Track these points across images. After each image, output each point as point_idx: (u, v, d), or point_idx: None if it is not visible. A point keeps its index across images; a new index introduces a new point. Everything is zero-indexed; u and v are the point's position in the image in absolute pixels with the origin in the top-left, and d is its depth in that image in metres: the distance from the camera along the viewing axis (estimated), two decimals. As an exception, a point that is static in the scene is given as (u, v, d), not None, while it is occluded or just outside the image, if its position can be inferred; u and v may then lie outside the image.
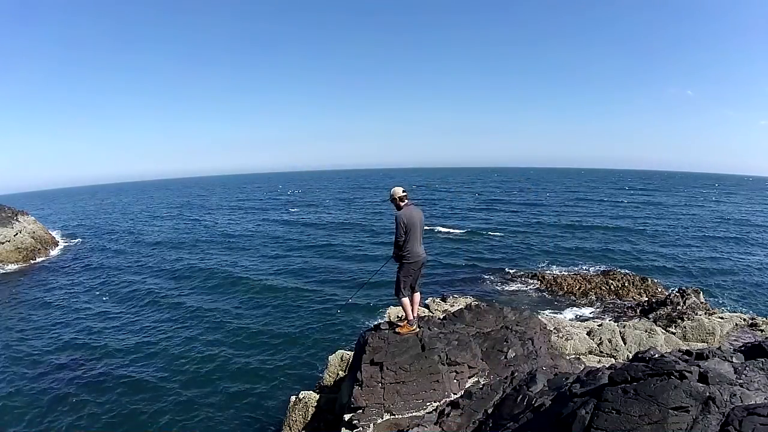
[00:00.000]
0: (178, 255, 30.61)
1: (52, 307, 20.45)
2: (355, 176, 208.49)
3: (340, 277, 23.57)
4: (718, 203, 63.02)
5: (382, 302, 18.12)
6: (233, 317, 17.93)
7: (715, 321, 12.80)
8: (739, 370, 3.82)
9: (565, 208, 53.77)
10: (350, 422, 6.00)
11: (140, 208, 72.96)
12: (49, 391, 12.72)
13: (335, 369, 9.98)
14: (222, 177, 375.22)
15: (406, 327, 6.74)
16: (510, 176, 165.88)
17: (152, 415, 11.38)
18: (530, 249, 29.20)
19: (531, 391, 4.98)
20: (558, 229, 37.11)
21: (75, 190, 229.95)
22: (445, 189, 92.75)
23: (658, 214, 48.09)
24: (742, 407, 3.12)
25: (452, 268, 24.58)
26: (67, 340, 16.46)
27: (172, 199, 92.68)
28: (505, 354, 7.32)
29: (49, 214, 66.63)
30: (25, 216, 35.57)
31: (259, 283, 22.48)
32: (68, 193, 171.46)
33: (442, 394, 6.22)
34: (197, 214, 58.04)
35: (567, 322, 13.97)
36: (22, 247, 31.40)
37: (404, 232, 6.22)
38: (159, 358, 14.47)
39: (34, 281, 25.70)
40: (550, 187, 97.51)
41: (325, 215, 50.65)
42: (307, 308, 18.66)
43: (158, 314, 18.60)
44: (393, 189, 6.41)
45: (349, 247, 31.13)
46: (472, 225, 39.89)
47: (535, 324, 8.60)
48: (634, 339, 11.14)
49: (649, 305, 16.50)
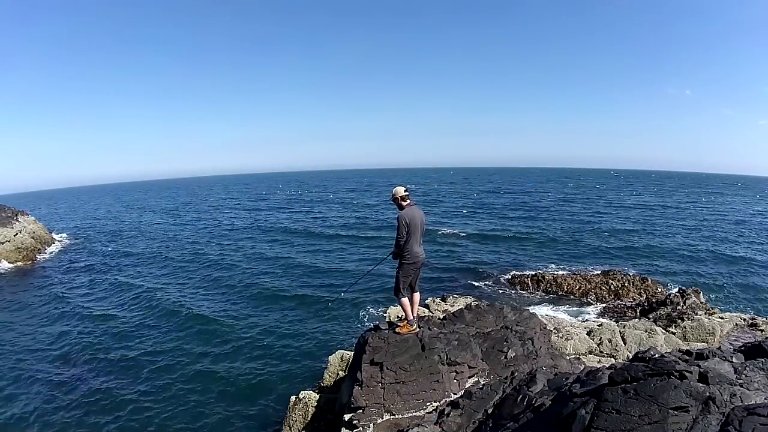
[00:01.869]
0: (177, 255, 30.59)
1: (52, 307, 20.43)
2: (354, 176, 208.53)
3: (340, 277, 23.56)
4: (717, 203, 63.00)
5: (382, 302, 18.13)
6: (233, 317, 17.91)
7: (715, 321, 12.80)
8: (739, 370, 3.82)
9: (565, 208, 53.75)
10: (350, 422, 6.00)
11: (140, 208, 72.95)
12: (48, 391, 12.70)
13: (335, 369, 9.98)
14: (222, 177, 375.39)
15: (406, 327, 6.74)
16: (510, 176, 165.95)
17: (152, 415, 11.37)
18: (530, 249, 29.19)
19: (531, 391, 4.99)
20: (558, 229, 37.09)
21: (75, 190, 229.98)
22: (444, 189, 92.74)
23: (657, 213, 48.08)
24: (742, 407, 3.12)
25: (452, 268, 24.57)
26: (67, 340, 16.44)
27: (173, 199, 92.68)
28: (505, 354, 7.32)
29: (49, 214, 66.64)
30: (25, 216, 35.57)
31: (259, 283, 22.47)
32: (68, 193, 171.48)
33: (442, 394, 6.22)
34: (197, 214, 58.05)
35: (567, 322, 13.98)
36: (22, 247, 31.39)
37: (406, 232, 6.22)
38: (159, 359, 14.45)
39: (34, 281, 25.70)
40: (550, 187, 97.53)
41: (325, 215, 50.64)
42: (306, 308, 18.64)
43: (157, 314, 18.58)
44: (395, 188, 6.41)
45: (349, 248, 31.13)
46: (472, 225, 39.88)
47: (535, 324, 8.60)
48: (634, 339, 11.14)
49: (649, 305, 16.50)
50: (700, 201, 65.98)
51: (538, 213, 48.48)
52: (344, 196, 79.65)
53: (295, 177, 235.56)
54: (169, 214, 59.84)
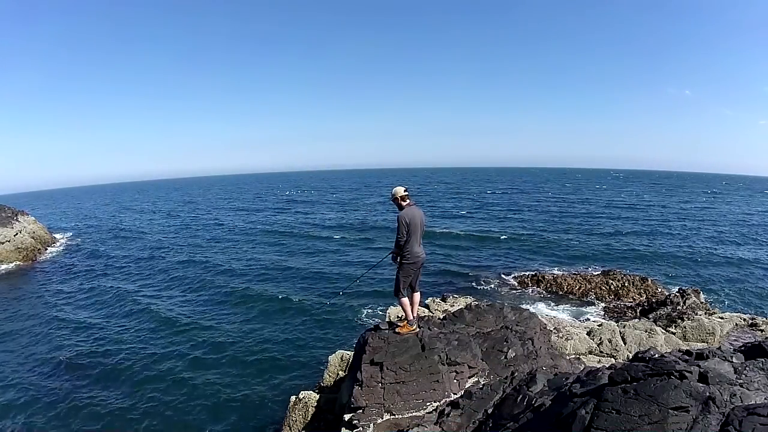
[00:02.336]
0: (177, 256, 30.61)
1: (52, 307, 20.43)
2: (354, 176, 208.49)
3: (339, 277, 23.56)
4: (716, 203, 63.02)
5: (381, 302, 18.13)
6: (232, 317, 17.93)
7: (715, 321, 12.80)
8: (739, 370, 3.82)
9: (565, 208, 53.76)
10: (350, 422, 6.00)
11: (140, 208, 72.97)
12: (47, 391, 12.71)
13: (335, 369, 9.97)
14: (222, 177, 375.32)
15: (406, 327, 6.73)
16: (509, 176, 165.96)
17: (152, 415, 11.37)
18: (530, 249, 29.19)
19: (531, 391, 4.99)
20: (558, 229, 37.10)
21: (75, 190, 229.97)
22: (444, 189, 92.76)
23: (657, 213, 48.07)
24: (742, 407, 3.12)
25: (452, 268, 24.57)
26: (66, 340, 16.44)
27: (173, 199, 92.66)
28: (505, 354, 7.32)
29: (49, 214, 66.63)
30: (25, 216, 35.58)
31: (258, 284, 22.49)
32: (68, 193, 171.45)
33: (442, 394, 6.21)
34: (198, 215, 58.05)
35: (567, 322, 13.98)
36: (22, 247, 31.41)
37: (406, 232, 6.21)
38: (158, 359, 14.45)
39: (34, 281, 25.71)
40: (550, 187, 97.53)
41: (324, 215, 50.65)
42: (306, 308, 18.64)
43: (157, 314, 18.57)
44: (395, 188, 6.39)
45: (349, 248, 31.14)
46: (472, 225, 39.90)
47: (535, 324, 8.59)
48: (634, 339, 11.14)
49: (649, 305, 16.51)
50: (700, 201, 65.99)
51: (538, 213, 48.49)
52: (344, 197, 79.68)
53: (295, 177, 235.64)
54: (169, 215, 59.85)
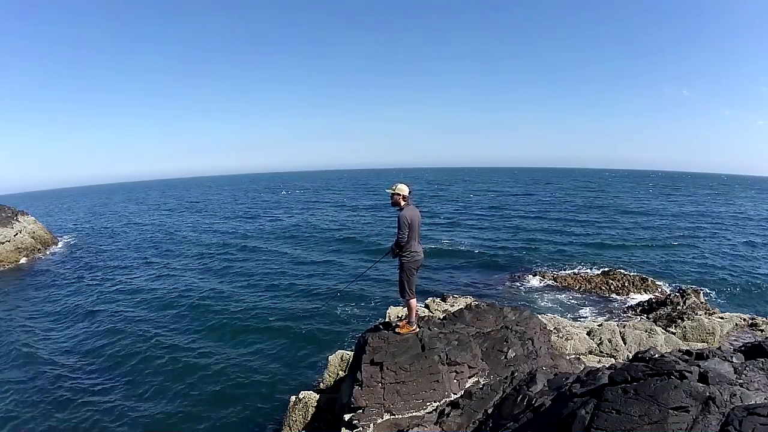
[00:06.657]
0: (177, 254, 30.62)
1: (52, 307, 20.44)
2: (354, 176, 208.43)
3: (339, 276, 23.55)
4: (716, 203, 62.99)
5: (381, 302, 18.12)
6: (232, 317, 17.89)
7: (715, 321, 12.78)
8: (739, 370, 3.82)
9: (564, 207, 53.77)
10: (350, 422, 5.99)
11: (140, 208, 72.96)
12: (46, 392, 12.69)
13: (335, 369, 9.97)
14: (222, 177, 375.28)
15: (406, 327, 6.74)
16: (509, 176, 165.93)
17: (152, 416, 11.37)
18: (530, 249, 29.18)
19: (531, 391, 4.99)
20: (557, 229, 37.09)
21: (75, 190, 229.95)
22: (443, 188, 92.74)
23: (656, 213, 48.07)
24: (742, 407, 3.12)
25: (452, 268, 24.57)
26: (66, 340, 16.45)
27: (172, 200, 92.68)
28: (505, 354, 7.31)
29: (49, 213, 66.62)
30: (25, 216, 35.57)
31: (258, 284, 22.48)
32: (68, 193, 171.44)
33: (442, 394, 6.21)
34: (197, 215, 58.06)
35: (567, 322, 13.95)
36: (22, 247, 31.42)
37: (407, 231, 6.23)
38: (158, 359, 14.44)
39: (34, 281, 25.68)
40: (549, 186, 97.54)
41: (324, 215, 50.65)
42: (306, 308, 18.64)
43: (157, 314, 18.58)
44: (399, 186, 6.34)
45: (348, 248, 31.13)
46: (471, 225, 39.90)
47: (535, 324, 8.59)
48: (634, 339, 11.12)
49: (649, 305, 16.50)
50: (699, 201, 65.99)
51: (537, 213, 48.49)
52: (344, 196, 79.66)
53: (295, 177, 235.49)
54: (169, 216, 59.83)
